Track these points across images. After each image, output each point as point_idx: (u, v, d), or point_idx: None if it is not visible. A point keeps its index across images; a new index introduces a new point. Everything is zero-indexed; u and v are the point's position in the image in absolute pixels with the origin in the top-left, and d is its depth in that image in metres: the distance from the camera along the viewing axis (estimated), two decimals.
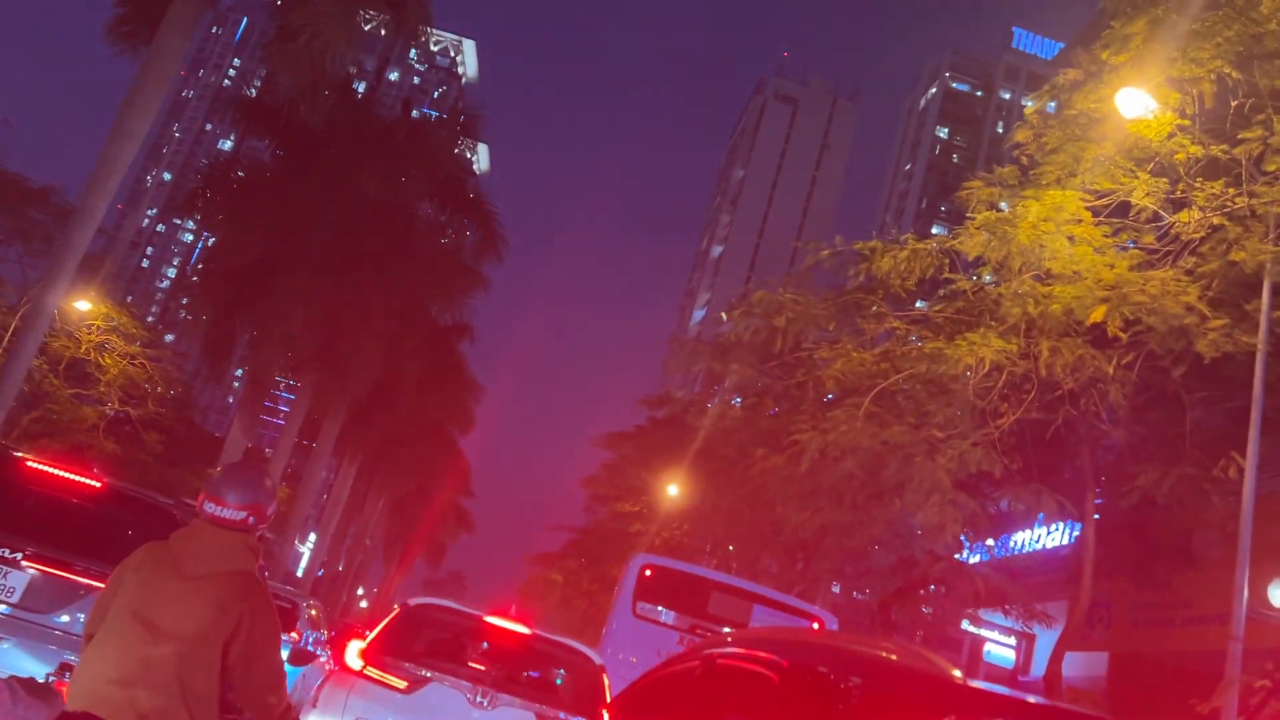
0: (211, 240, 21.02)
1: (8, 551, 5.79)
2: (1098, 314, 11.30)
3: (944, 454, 12.08)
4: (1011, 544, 24.93)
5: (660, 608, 12.27)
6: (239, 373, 25.70)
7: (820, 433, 12.71)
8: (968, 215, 12.07)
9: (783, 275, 14.58)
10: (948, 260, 13.20)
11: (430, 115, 37.11)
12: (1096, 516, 15.58)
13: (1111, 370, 11.80)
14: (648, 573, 12.44)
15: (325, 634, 15.68)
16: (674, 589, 12.43)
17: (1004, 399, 12.63)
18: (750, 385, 16.15)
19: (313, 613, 14.05)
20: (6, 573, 5.78)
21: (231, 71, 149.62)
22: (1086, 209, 11.10)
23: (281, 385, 30.16)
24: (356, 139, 20.46)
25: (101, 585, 6.07)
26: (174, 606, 3.36)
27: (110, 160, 13.06)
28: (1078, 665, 18.74)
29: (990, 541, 22.96)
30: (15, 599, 5.75)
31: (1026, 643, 26.79)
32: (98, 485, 6.31)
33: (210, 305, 19.94)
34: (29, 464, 6.29)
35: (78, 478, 6.29)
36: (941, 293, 13.66)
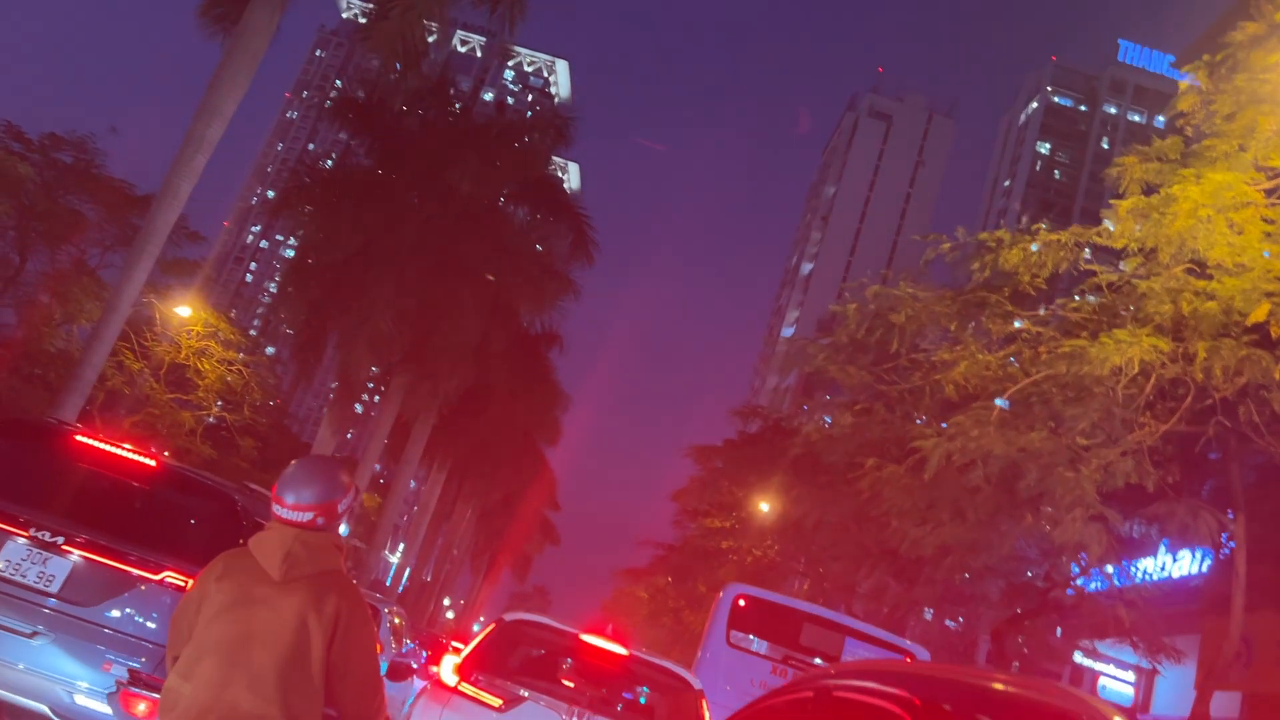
0: (304, 238, 20.95)
1: (48, 535, 5.08)
2: (1260, 312, 10.05)
3: (1088, 464, 10.83)
4: (1134, 571, 23.21)
5: (753, 637, 12.39)
6: (334, 385, 25.68)
7: (945, 439, 11.59)
8: (1110, 199, 10.91)
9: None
10: (1083, 253, 12.03)
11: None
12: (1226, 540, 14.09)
13: (1278, 375, 10.46)
14: (741, 603, 12.54)
15: (410, 644, 15.15)
16: (767, 619, 12.58)
17: (1149, 405, 11.34)
18: (864, 389, 15.04)
19: (395, 620, 13.46)
20: (46, 558, 5.07)
21: (333, 93, 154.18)
22: (1257, 191, 9.84)
23: (371, 390, 30.32)
24: (450, 137, 20.17)
25: (154, 576, 5.45)
26: (268, 616, 3.12)
27: (195, 140, 12.64)
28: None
29: (1109, 569, 21.40)
30: (55, 588, 5.03)
31: (1145, 678, 25.03)
32: (152, 464, 5.59)
33: (302, 302, 19.83)
34: (78, 438, 5.60)
35: (131, 454, 5.57)
36: (1081, 288, 12.39)
